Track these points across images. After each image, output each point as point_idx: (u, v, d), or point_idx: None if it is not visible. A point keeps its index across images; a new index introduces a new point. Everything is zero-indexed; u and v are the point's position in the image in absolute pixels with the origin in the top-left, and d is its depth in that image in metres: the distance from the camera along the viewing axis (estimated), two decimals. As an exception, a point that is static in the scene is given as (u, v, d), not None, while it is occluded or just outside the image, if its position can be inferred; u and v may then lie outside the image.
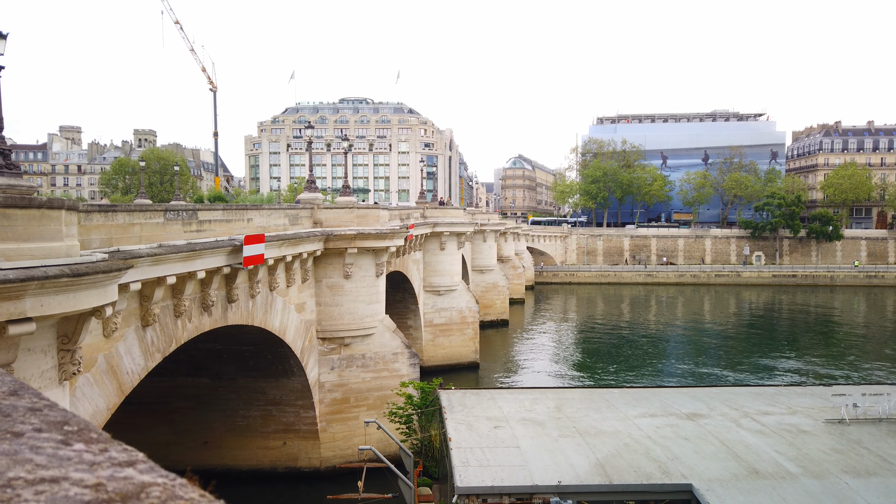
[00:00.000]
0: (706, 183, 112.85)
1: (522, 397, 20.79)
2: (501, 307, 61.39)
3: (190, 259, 15.82)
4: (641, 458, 15.47)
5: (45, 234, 9.54)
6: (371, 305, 26.19)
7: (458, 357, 43.70)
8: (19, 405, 1.23)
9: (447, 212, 45.28)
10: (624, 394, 21.26)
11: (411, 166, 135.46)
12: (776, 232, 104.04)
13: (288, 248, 21.61)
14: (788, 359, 49.35)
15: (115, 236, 14.03)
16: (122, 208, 14.47)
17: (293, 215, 23.68)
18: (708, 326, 65.94)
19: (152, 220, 15.43)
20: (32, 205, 9.34)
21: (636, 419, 18.19)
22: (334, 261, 25.13)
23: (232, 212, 19.58)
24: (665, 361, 49.38)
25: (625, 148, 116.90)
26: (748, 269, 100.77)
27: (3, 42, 11.58)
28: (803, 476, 14.71)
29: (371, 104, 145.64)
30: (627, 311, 78.29)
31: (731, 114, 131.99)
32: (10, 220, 9.00)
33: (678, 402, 19.84)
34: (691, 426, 17.69)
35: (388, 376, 26.68)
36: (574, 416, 18.50)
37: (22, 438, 1.13)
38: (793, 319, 72.36)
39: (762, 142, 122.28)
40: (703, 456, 15.66)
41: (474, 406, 19.47)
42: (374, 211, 26.58)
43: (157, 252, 14.24)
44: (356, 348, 26.17)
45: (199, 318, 17.53)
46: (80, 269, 9.37)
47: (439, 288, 43.29)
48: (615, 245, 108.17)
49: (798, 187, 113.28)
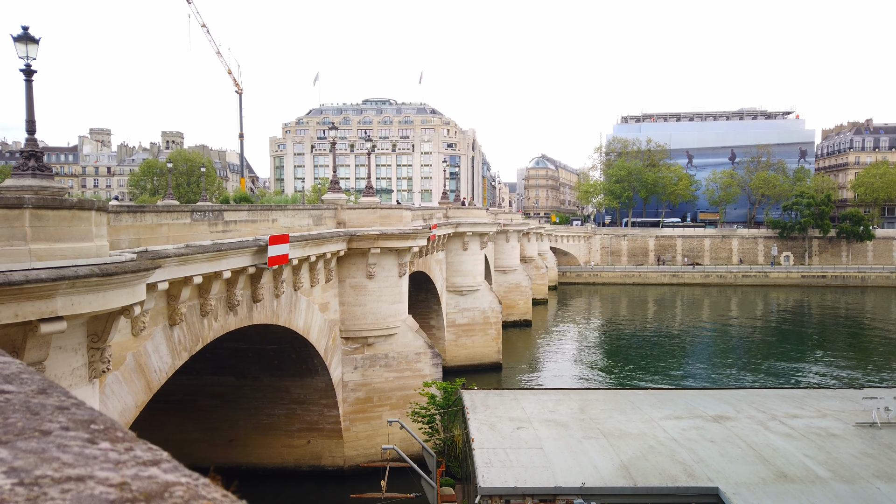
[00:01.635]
0: (733, 182, 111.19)
1: (545, 398, 20.68)
2: (524, 307, 61.16)
3: (216, 259, 16.02)
4: (666, 460, 15.29)
5: (76, 235, 9.73)
6: (394, 305, 26.26)
7: (480, 357, 43.63)
8: (48, 403, 1.26)
9: (470, 212, 45.24)
10: (648, 395, 21.04)
11: (434, 166, 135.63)
12: (805, 232, 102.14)
13: (312, 248, 21.78)
14: (817, 361, 48.42)
15: (144, 237, 14.28)
16: (149, 209, 14.71)
17: (317, 216, 23.85)
18: (734, 328, 64.97)
19: (179, 221, 15.67)
20: (64, 206, 9.53)
21: (661, 421, 17.99)
22: (357, 261, 25.26)
23: (257, 212, 19.79)
24: (690, 363, 48.77)
25: (650, 147, 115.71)
26: (776, 269, 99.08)
27: (35, 46, 11.84)
28: (833, 481, 14.41)
29: (394, 105, 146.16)
30: (652, 312, 77.48)
31: (758, 112, 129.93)
32: (43, 221, 9.19)
33: (704, 404, 19.57)
34: (717, 429, 17.44)
35: (411, 376, 26.74)
36: (598, 417, 18.36)
37: (49, 437, 1.15)
38: (822, 321, 70.95)
39: (791, 140, 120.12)
40: (729, 459, 15.43)
41: (497, 406, 19.43)
42: (396, 211, 26.66)
43: (183, 252, 14.44)
44: (379, 348, 26.28)
45: (225, 318, 17.75)
46: (109, 269, 9.54)
47: (462, 288, 43.27)
48: (640, 245, 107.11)
49: (828, 186, 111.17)
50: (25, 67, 11.75)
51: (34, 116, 11.95)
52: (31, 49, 11.75)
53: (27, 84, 11.87)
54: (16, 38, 11.74)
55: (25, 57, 11.71)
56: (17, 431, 1.17)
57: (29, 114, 11.92)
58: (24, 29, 11.75)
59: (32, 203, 9.04)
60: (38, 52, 11.88)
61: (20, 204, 8.90)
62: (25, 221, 8.98)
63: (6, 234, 8.83)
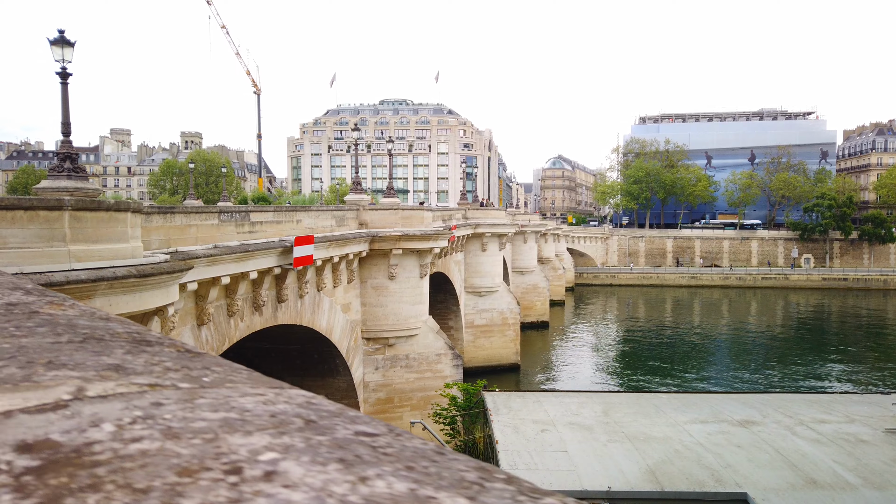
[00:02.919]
0: (753, 183, 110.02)
1: (568, 401, 20.61)
2: (542, 309, 60.99)
3: (243, 260, 16.16)
4: (693, 465, 15.17)
5: (113, 236, 9.87)
6: (415, 306, 26.31)
7: (498, 358, 43.58)
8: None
9: (488, 213, 45.20)
10: (672, 399, 20.88)
11: (450, 167, 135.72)
12: (826, 234, 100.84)
13: (335, 248, 21.88)
14: (840, 365, 47.80)
15: (173, 237, 14.43)
16: (179, 210, 14.85)
17: (340, 216, 23.96)
18: (755, 331, 64.31)
19: (207, 222, 15.81)
20: (101, 207, 9.66)
21: (686, 425, 17.85)
22: (379, 262, 25.34)
23: (282, 213, 19.92)
24: (710, 366, 48.36)
25: (668, 148, 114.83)
26: (796, 271, 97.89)
27: (71, 50, 12.00)
28: (863, 487, 14.22)
29: (411, 105, 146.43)
30: (670, 314, 76.90)
31: (778, 112, 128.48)
32: (81, 223, 9.33)
33: (729, 409, 19.39)
34: (744, 433, 17.27)
35: (432, 377, 26.77)
36: (622, 420, 18.26)
37: None
38: (844, 324, 70.01)
39: (812, 141, 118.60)
40: (757, 464, 15.27)
41: (520, 409, 19.39)
42: (418, 212, 26.70)
43: (212, 253, 14.58)
44: (400, 349, 26.33)
45: (251, 318, 17.88)
46: (146, 270, 9.66)
47: (480, 289, 43.24)
48: (658, 247, 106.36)
49: (849, 188, 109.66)
50: (61, 70, 11.91)
51: (69, 119, 12.12)
52: (67, 52, 11.91)
53: (63, 87, 12.04)
54: (52, 41, 11.92)
55: (61, 60, 11.88)
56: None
57: (64, 116, 12.09)
58: (61, 32, 11.92)
59: (71, 205, 9.18)
60: (73, 56, 12.04)
61: (60, 206, 9.04)
62: (65, 223, 9.12)
63: (46, 235, 8.97)
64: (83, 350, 1.26)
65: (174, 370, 1.20)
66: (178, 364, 1.24)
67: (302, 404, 1.06)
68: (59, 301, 1.97)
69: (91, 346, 1.31)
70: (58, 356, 1.20)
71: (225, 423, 0.90)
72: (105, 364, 1.17)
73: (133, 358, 1.24)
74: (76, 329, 1.51)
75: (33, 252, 8.78)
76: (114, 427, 0.87)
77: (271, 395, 1.11)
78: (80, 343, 1.33)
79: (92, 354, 1.23)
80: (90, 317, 1.73)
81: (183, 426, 0.88)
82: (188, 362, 1.27)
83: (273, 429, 0.90)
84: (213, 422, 0.91)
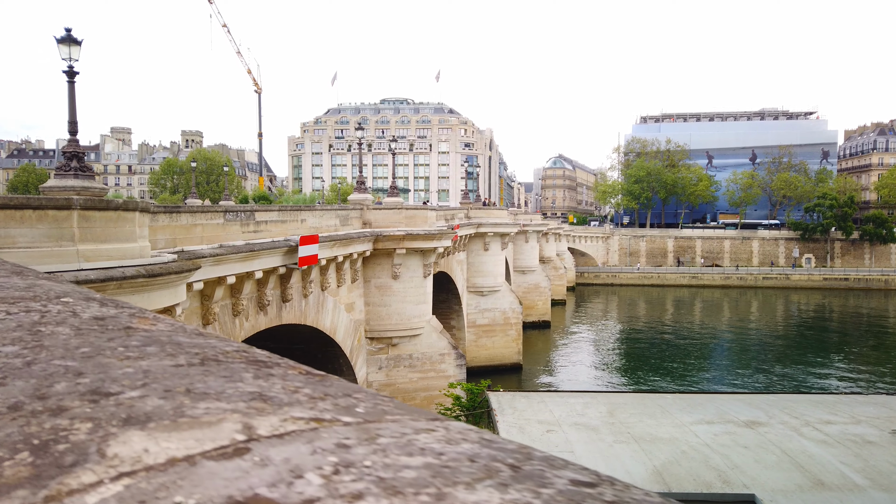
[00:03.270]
0: (754, 183, 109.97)
1: (573, 401, 20.56)
2: (543, 308, 60.94)
3: (248, 259, 16.11)
4: (700, 466, 15.13)
5: (121, 236, 9.81)
6: (418, 306, 26.26)
7: (500, 358, 43.53)
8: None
9: (491, 212, 45.15)
10: (677, 399, 20.84)
11: (451, 166, 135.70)
12: (827, 234, 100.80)
13: (339, 248, 21.83)
14: (843, 365, 47.77)
15: (179, 237, 14.38)
16: (185, 210, 14.80)
17: (343, 216, 23.91)
18: (757, 330, 64.28)
19: (213, 221, 15.77)
20: (110, 207, 9.61)
21: (692, 426, 17.80)
22: (383, 261, 25.29)
23: (287, 212, 19.87)
24: (712, 366, 48.32)
25: (669, 147, 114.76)
26: (797, 271, 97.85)
27: (78, 48, 11.94)
28: (871, 489, 14.17)
29: (411, 104, 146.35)
30: (672, 313, 76.86)
31: (779, 112, 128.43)
32: (90, 222, 9.27)
33: (735, 410, 19.34)
34: (750, 434, 17.22)
35: (435, 377, 26.73)
36: (627, 421, 18.21)
37: None
38: (846, 324, 69.97)
39: (813, 141, 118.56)
40: (764, 465, 15.22)
41: (525, 409, 19.34)
42: (422, 212, 26.64)
43: (218, 252, 14.53)
44: (403, 348, 26.29)
45: (256, 318, 17.83)
46: (154, 270, 9.60)
47: (483, 288, 43.19)
48: (658, 246, 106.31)
49: (851, 188, 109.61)
50: (68, 69, 11.86)
51: (76, 117, 12.06)
52: (74, 51, 11.86)
53: (70, 85, 11.98)
54: (59, 39, 11.86)
55: (68, 59, 11.82)
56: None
57: (71, 115, 12.03)
58: (68, 31, 11.86)
59: (80, 204, 9.12)
60: (80, 54, 11.98)
61: (69, 205, 8.98)
62: (73, 222, 9.06)
63: (55, 234, 8.92)
64: (211, 375, 1.18)
65: (318, 398, 1.12)
66: (315, 390, 1.15)
67: (482, 442, 0.99)
68: (140, 313, 1.86)
69: (215, 370, 1.22)
70: (192, 383, 1.13)
71: (434, 471, 0.83)
72: (245, 392, 1.09)
73: (266, 383, 1.16)
74: (183, 347, 1.43)
75: (42, 252, 8.72)
76: (320, 479, 0.79)
77: (441, 429, 1.02)
78: (201, 366, 1.25)
79: (224, 380, 1.16)
80: (184, 332, 1.63)
81: (394, 477, 0.81)
82: (322, 387, 1.18)
83: (488, 479, 0.83)
84: (421, 470, 0.83)
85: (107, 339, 1.44)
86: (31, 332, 1.50)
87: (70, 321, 1.61)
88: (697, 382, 41.40)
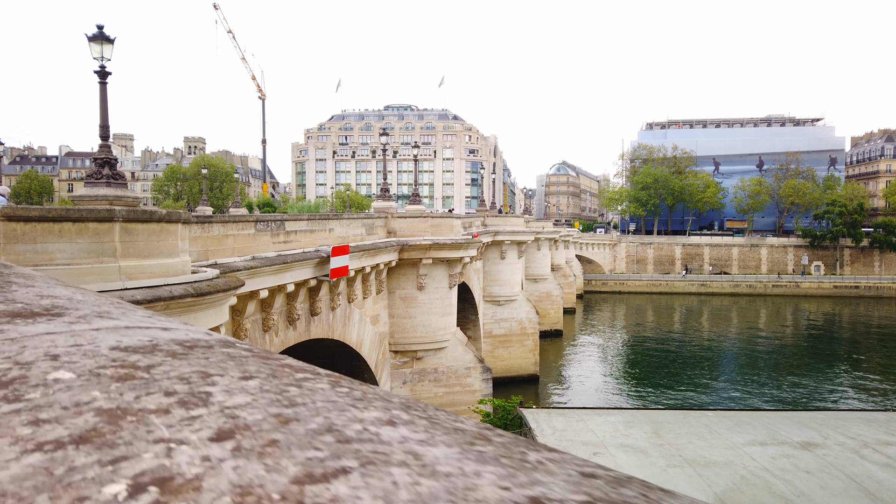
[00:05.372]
0: (762, 190, 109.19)
1: (613, 419, 19.63)
2: (555, 317, 60.03)
3: (281, 272, 15.23)
4: (764, 493, 14.19)
5: (164, 250, 8.93)
6: (444, 318, 25.36)
7: (517, 369, 42.59)
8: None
9: (508, 220, 44.29)
10: (722, 417, 19.91)
11: (456, 172, 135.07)
12: (836, 241, 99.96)
13: (367, 258, 20.95)
14: (875, 376, 46.75)
15: (211, 248, 13.52)
16: (217, 220, 13.94)
17: (369, 224, 23.05)
18: (772, 339, 63.29)
19: (244, 232, 14.91)
20: (153, 219, 8.73)
21: (745, 448, 16.86)
22: (408, 271, 24.40)
23: (315, 222, 19.01)
24: (731, 377, 47.32)
25: (675, 154, 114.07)
26: (808, 279, 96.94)
27: (111, 46, 11.09)
28: (950, 518, 13.25)
29: (416, 111, 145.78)
30: (684, 322, 75.90)
31: (786, 118, 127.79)
32: (132, 236, 8.39)
33: (785, 429, 18.41)
34: (809, 457, 16.28)
35: (461, 391, 25.81)
36: (676, 442, 17.27)
37: None
38: (864, 333, 68.98)
39: (820, 147, 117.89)
40: (832, 493, 14.29)
41: (565, 429, 18.41)
42: (447, 220, 25.78)
43: (252, 265, 13.64)
44: (428, 362, 25.37)
45: (285, 333, 16.94)
46: (202, 288, 8.72)
47: (499, 298, 42.29)
48: (666, 254, 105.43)
49: (859, 194, 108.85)
50: (100, 69, 11.01)
51: (108, 121, 11.20)
52: (107, 49, 11.01)
53: (101, 87, 11.12)
54: (90, 37, 11.01)
55: (100, 58, 10.97)
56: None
57: (103, 118, 11.16)
58: (100, 28, 11.01)
59: (123, 216, 8.24)
60: (112, 53, 11.13)
61: (111, 217, 8.10)
62: (115, 236, 8.18)
63: (96, 250, 8.03)
64: (352, 408, 1.08)
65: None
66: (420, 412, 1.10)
67: None
68: (222, 338, 1.63)
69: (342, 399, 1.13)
70: (346, 419, 1.03)
71: None
72: (391, 420, 1.02)
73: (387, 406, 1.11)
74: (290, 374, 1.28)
75: (82, 269, 7.84)
76: None
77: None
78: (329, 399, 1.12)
79: (362, 410, 1.08)
80: (267, 357, 1.45)
81: None
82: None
83: None
84: None
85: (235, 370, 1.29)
86: None
87: None
88: (723, 394, 40.42)
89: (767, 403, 37.34)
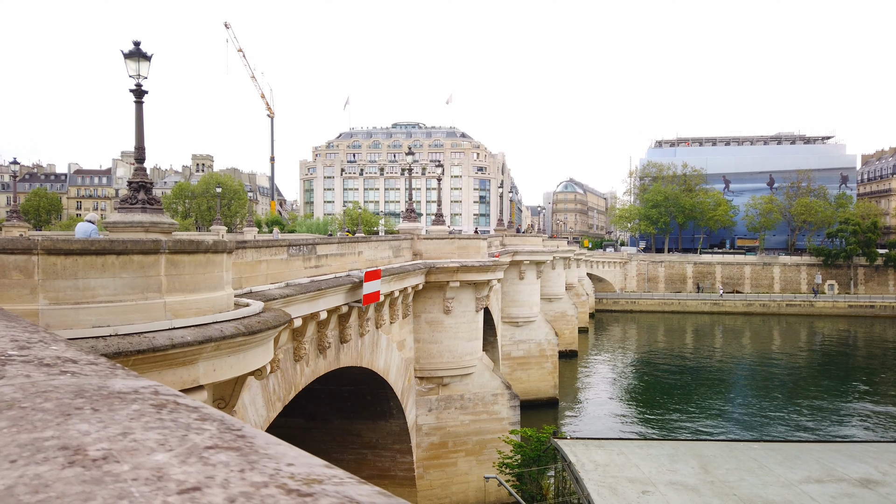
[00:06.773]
0: (773, 208, 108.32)
1: (655, 452, 18.69)
2: (570, 337, 59.00)
3: (315, 299, 14.45)
4: (833, 538, 13.25)
5: (209, 283, 8.18)
6: (470, 343, 24.52)
7: (536, 392, 41.57)
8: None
9: (526, 239, 43.52)
10: (769, 451, 18.95)
11: (464, 190, 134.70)
12: (850, 259, 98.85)
13: (396, 282, 20.18)
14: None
15: (245, 275, 12.76)
16: (250, 245, 13.20)
17: (396, 246, 22.31)
18: (788, 360, 62.03)
19: (277, 257, 14.16)
20: (199, 249, 7.99)
21: (801, 485, 15.91)
22: (434, 295, 23.61)
23: (345, 245, 18.26)
24: (755, 401, 46.12)
25: (685, 171, 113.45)
26: (822, 298, 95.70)
27: (147, 64, 10.43)
28: None
29: (424, 128, 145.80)
30: (698, 342, 74.69)
31: (797, 136, 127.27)
32: (178, 269, 7.65)
33: (840, 464, 17.45)
34: (871, 496, 15.32)
35: (488, 419, 24.88)
36: (726, 479, 16.33)
37: None
38: (881, 354, 67.67)
39: (831, 165, 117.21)
40: (905, 537, 13.34)
41: (607, 464, 17.48)
42: (474, 241, 25.03)
43: (287, 293, 12.88)
44: (454, 389, 24.48)
45: (316, 362, 16.14)
46: (253, 326, 7.96)
47: (518, 319, 41.40)
48: (677, 272, 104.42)
49: (872, 212, 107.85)
50: (136, 87, 10.33)
51: (144, 143, 10.50)
52: (143, 67, 10.34)
53: (137, 106, 10.43)
54: (126, 54, 10.37)
55: (137, 76, 10.29)
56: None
57: (138, 140, 10.47)
58: (136, 44, 10.34)
59: (169, 247, 7.51)
60: (149, 71, 10.46)
61: (157, 249, 7.36)
62: (161, 269, 7.43)
63: (140, 284, 7.27)
64: None
65: None
66: None
67: None
68: None
69: None
70: None
71: None
72: None
73: None
74: None
75: (126, 306, 7.08)
76: None
77: None
78: None
79: None
80: None
81: None
82: None
83: None
84: None
85: None
86: None
87: None
88: (739, 419, 39.28)
89: (791, 431, 36.22)
